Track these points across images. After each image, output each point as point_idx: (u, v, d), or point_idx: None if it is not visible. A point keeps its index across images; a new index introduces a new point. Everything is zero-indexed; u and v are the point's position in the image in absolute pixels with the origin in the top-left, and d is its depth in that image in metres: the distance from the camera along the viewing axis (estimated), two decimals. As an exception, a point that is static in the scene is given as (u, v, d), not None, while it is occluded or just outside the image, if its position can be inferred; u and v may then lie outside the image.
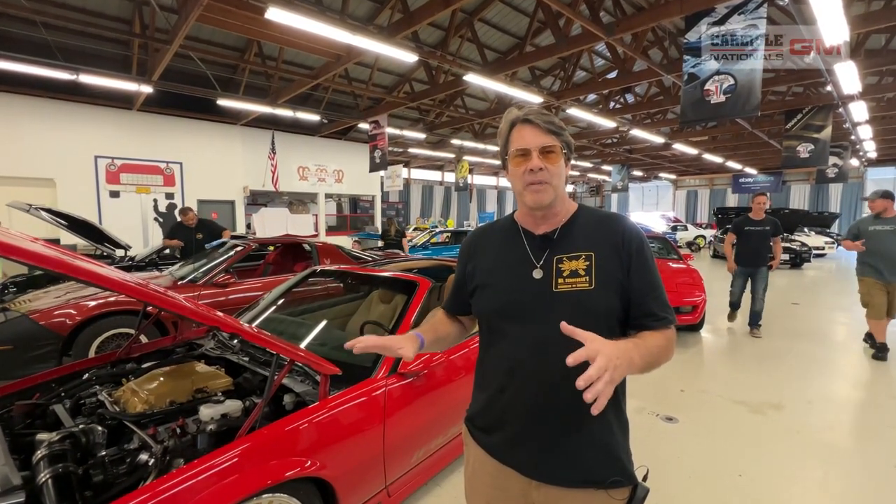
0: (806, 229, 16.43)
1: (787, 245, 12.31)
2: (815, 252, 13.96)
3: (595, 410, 0.71)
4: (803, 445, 2.82)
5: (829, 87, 8.75)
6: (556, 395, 0.95)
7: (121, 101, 10.01)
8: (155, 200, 10.86)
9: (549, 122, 0.98)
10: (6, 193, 7.86)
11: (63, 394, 1.91)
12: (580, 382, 0.71)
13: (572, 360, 0.73)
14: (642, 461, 1.19)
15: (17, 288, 5.13)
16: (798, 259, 12.16)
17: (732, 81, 5.50)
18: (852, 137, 13.12)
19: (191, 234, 5.84)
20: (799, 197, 23.16)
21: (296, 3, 6.03)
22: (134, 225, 10.28)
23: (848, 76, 7.09)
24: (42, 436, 1.47)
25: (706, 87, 5.70)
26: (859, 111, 9.50)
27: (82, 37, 7.99)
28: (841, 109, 9.60)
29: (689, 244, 19.12)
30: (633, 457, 1.03)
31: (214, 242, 5.68)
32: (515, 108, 1.03)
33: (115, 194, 10.19)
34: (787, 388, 3.72)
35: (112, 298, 3.46)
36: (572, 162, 1.07)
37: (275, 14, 5.34)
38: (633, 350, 0.84)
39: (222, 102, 9.48)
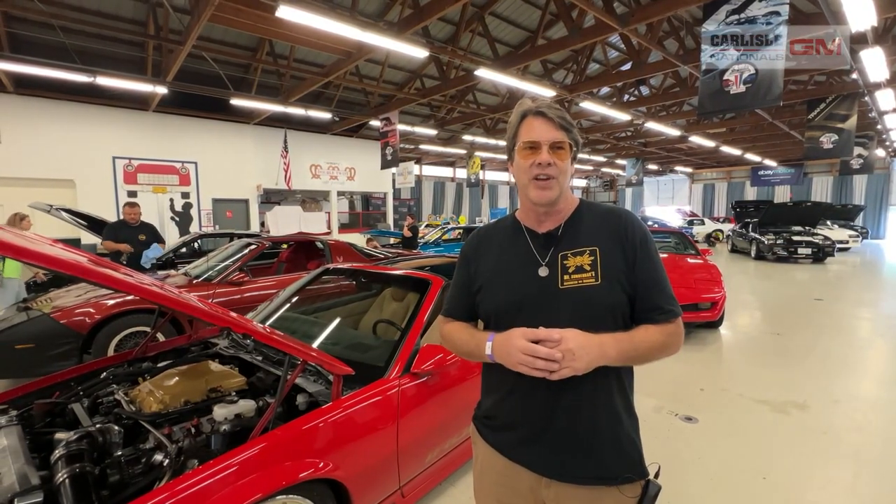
0: (829, 222, 15.96)
1: (810, 239, 11.98)
2: (838, 246, 13.55)
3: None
4: (830, 447, 2.72)
5: (854, 76, 8.44)
6: (565, 393, 0.95)
7: (137, 103, 10.18)
8: (171, 200, 11.04)
9: (561, 118, 0.98)
10: (28, 194, 8.06)
11: (81, 392, 1.94)
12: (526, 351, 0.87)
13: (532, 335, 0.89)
14: (660, 461, 1.16)
15: (40, 287, 5.27)
16: (821, 253, 11.81)
17: (753, 71, 5.33)
18: (878, 127, 12.66)
19: (133, 235, 5.05)
20: (821, 189, 22.45)
21: (306, 1, 6.02)
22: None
23: (874, 63, 6.82)
24: (60, 435, 1.49)
25: (725, 77, 5.54)
26: (886, 99, 9.15)
27: (98, 39, 8.13)
28: (867, 98, 9.26)
29: (709, 236, 18.83)
30: (648, 455, 1.02)
31: (153, 254, 5.05)
32: (528, 100, 1.01)
33: (132, 194, 10.38)
34: (812, 386, 3.61)
35: (130, 297, 3.52)
36: (586, 157, 1.04)
37: (286, 12, 5.34)
38: (609, 343, 0.89)
39: (235, 102, 9.57)
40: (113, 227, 5.15)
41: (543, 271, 0.99)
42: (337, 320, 2.66)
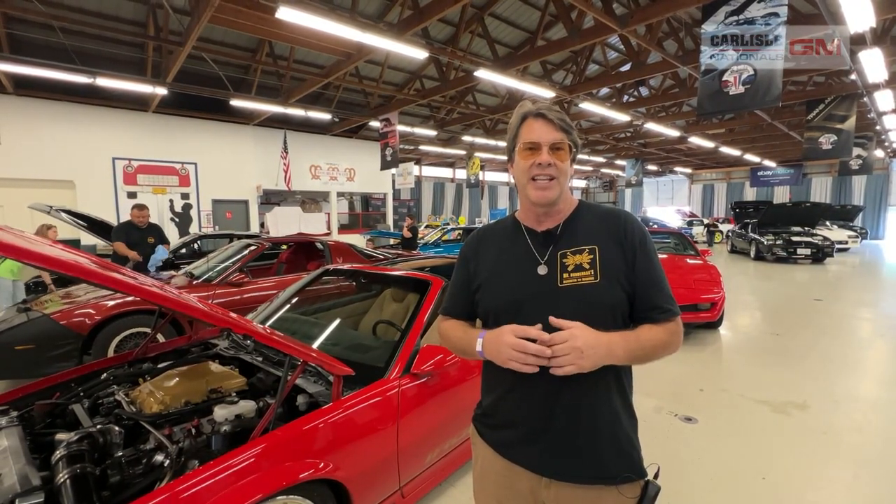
0: (828, 223, 15.98)
1: (809, 239, 12.00)
2: (837, 246, 13.57)
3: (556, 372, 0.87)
4: (830, 447, 2.72)
5: (853, 76, 8.45)
6: (564, 392, 0.95)
7: (137, 104, 10.19)
8: (171, 201, 11.04)
9: (561, 119, 0.99)
10: (28, 195, 8.07)
11: (82, 393, 1.94)
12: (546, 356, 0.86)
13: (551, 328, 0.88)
14: (660, 462, 1.16)
15: (40, 288, 5.26)
16: (820, 254, 11.83)
17: (752, 72, 5.35)
18: (877, 128, 12.68)
19: (143, 238, 4.94)
20: (821, 190, 22.48)
21: (306, 2, 6.04)
22: (151, 225, 10.47)
23: (873, 64, 6.84)
24: (61, 436, 1.50)
25: (724, 78, 5.55)
26: (885, 100, 9.17)
27: (99, 41, 8.14)
28: (865, 99, 9.27)
29: (708, 225, 18.86)
30: (648, 455, 1.03)
31: (159, 256, 5.00)
32: (529, 102, 1.03)
33: (132, 195, 10.39)
34: (812, 387, 3.61)
35: (130, 298, 3.52)
36: (586, 157, 1.05)
37: (285, 13, 5.35)
38: (617, 342, 0.89)
39: (235, 103, 9.58)
40: (122, 229, 4.95)
41: (542, 269, 1.00)
42: (337, 321, 2.66)
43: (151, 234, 5.05)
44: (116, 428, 1.55)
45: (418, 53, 7.03)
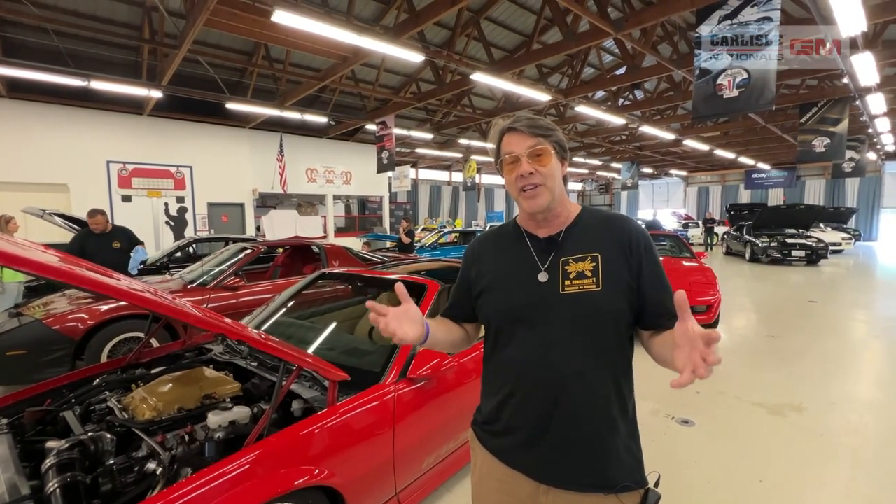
0: (822, 225, 16.10)
1: (803, 241, 12.07)
2: (831, 248, 13.67)
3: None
4: (827, 449, 2.73)
5: (845, 80, 8.53)
6: (564, 398, 0.95)
7: (132, 107, 10.13)
8: (166, 204, 10.98)
9: (534, 126, 0.98)
10: (21, 199, 7.99)
11: (73, 400, 1.91)
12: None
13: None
14: (658, 465, 1.16)
15: (36, 292, 5.21)
16: (814, 255, 11.91)
17: (746, 75, 5.38)
18: (869, 130, 12.79)
19: (104, 244, 4.48)
20: (814, 192, 22.66)
21: (302, 6, 6.04)
22: (146, 229, 10.39)
23: (865, 68, 6.90)
24: (51, 443, 1.47)
25: (718, 81, 5.58)
26: (877, 103, 9.25)
27: (93, 43, 8.10)
28: (858, 102, 9.36)
29: (706, 221, 18.93)
30: (645, 461, 1.02)
31: (139, 258, 4.70)
32: (502, 119, 1.04)
33: (127, 198, 10.32)
34: (808, 388, 3.62)
35: (123, 302, 3.48)
36: (582, 160, 1.06)
37: (281, 17, 5.34)
38: None
39: (231, 106, 9.55)
40: (78, 240, 4.50)
41: (543, 276, 0.99)
42: (333, 325, 2.65)
43: (116, 239, 4.57)
44: (108, 435, 1.53)
45: (414, 57, 7.04)
